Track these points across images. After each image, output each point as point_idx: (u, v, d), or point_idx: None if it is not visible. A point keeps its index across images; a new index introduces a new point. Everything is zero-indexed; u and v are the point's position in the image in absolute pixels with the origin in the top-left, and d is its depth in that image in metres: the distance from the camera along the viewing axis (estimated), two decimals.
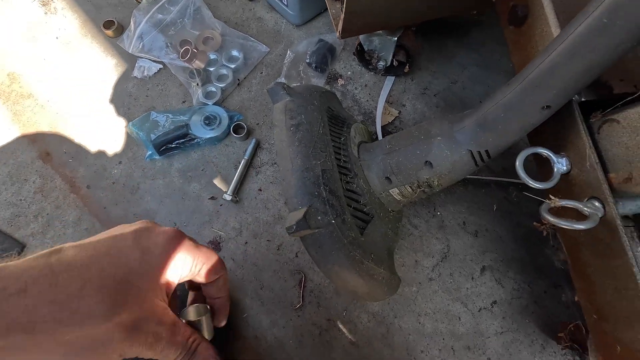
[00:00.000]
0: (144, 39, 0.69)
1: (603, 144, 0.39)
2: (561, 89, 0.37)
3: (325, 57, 0.70)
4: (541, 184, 0.42)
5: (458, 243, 0.62)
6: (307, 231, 0.40)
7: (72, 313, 0.25)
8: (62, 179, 0.68)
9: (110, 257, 0.29)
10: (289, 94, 0.49)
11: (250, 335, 0.60)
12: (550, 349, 0.57)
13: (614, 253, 0.38)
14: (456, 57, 0.73)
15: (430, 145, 0.48)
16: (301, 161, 0.43)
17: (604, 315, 0.40)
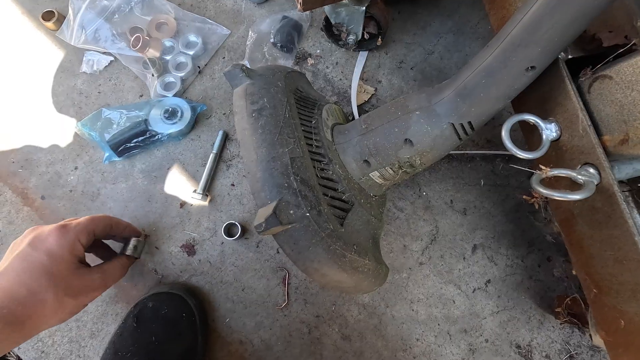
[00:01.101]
0: (86, 28, 0.62)
1: (595, 104, 0.36)
2: (546, 45, 0.33)
3: (291, 35, 0.65)
4: (529, 153, 0.38)
5: (447, 223, 0.59)
6: (279, 228, 0.36)
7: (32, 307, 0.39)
8: (12, 191, 0.62)
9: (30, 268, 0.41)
10: (249, 77, 0.43)
11: (235, 340, 0.56)
12: (548, 324, 0.55)
13: (613, 222, 0.35)
14: (430, 26, 0.69)
15: (409, 121, 0.43)
16: (266, 150, 0.38)
17: (604, 288, 0.37)
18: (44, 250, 0.42)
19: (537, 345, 0.55)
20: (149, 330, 0.51)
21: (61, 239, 0.43)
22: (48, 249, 0.42)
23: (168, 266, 0.59)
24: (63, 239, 0.43)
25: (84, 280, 0.44)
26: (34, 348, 0.56)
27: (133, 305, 0.54)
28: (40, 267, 0.41)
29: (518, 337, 0.55)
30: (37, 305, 0.39)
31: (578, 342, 0.55)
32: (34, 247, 0.42)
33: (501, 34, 0.36)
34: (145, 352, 0.50)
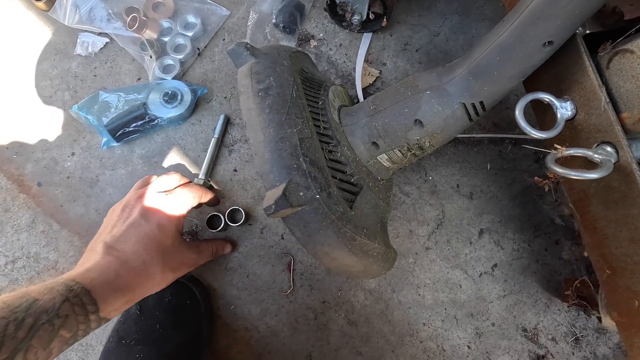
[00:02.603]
0: (80, 7, 0.60)
1: (614, 81, 0.34)
2: (567, 18, 0.32)
3: (294, 15, 0.63)
4: (543, 133, 0.37)
5: (453, 207, 0.58)
6: (289, 210, 0.35)
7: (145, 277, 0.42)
8: (7, 178, 0.60)
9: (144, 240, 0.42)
10: (254, 55, 0.42)
11: (241, 327, 0.55)
12: (554, 307, 0.55)
13: (630, 201, 0.34)
14: (435, 7, 0.67)
15: (419, 102, 0.42)
16: (274, 130, 0.37)
17: (618, 269, 0.37)
18: (156, 224, 0.43)
19: (543, 328, 0.55)
20: (152, 318, 0.50)
21: (168, 210, 0.44)
22: (159, 223, 0.43)
23: None
24: (170, 211, 0.44)
25: (183, 256, 0.46)
26: None
27: None
28: (154, 240, 0.42)
29: (524, 320, 0.55)
30: (148, 277, 0.41)
31: (584, 324, 0.55)
32: (147, 219, 0.43)
33: (519, 7, 0.35)
34: (149, 340, 0.49)
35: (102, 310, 0.36)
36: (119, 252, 0.40)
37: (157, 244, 0.42)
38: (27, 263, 0.57)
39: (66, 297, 0.34)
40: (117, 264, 0.39)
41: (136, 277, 0.40)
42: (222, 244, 0.55)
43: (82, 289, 0.35)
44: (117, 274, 0.39)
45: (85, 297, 0.35)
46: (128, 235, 0.41)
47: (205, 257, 0.51)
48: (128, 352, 0.48)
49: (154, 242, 0.42)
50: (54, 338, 0.32)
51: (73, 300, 0.34)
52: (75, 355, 0.55)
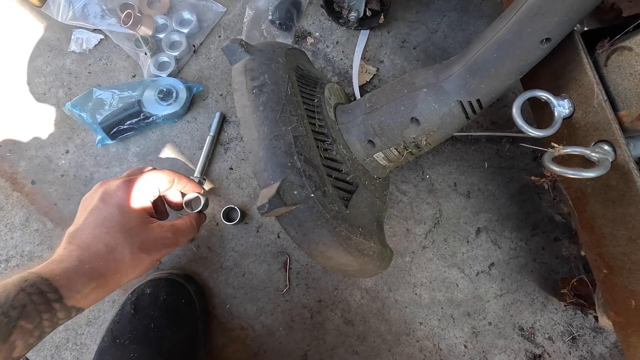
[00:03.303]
0: (74, 3, 0.59)
1: (612, 78, 0.34)
2: (565, 15, 0.32)
3: (290, 12, 0.62)
4: (540, 131, 0.37)
5: (450, 206, 0.58)
6: (283, 209, 0.34)
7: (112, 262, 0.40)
8: (0, 176, 0.59)
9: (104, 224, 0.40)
10: (249, 52, 0.41)
11: (236, 326, 0.55)
12: (551, 306, 0.55)
13: (628, 200, 0.34)
14: (434, 4, 0.66)
15: (416, 99, 0.42)
16: (268, 128, 0.37)
17: (616, 268, 0.37)
18: (115, 205, 0.41)
19: (540, 328, 0.55)
20: (147, 317, 0.50)
21: (129, 192, 0.42)
22: (118, 204, 0.41)
23: None
24: (131, 193, 0.42)
25: (156, 236, 0.43)
26: None
27: (130, 291, 0.52)
28: (114, 222, 0.40)
29: (521, 319, 0.55)
30: (115, 260, 0.39)
31: (581, 323, 0.55)
32: (105, 202, 0.41)
33: (516, 4, 0.34)
34: (144, 339, 0.49)
35: (69, 298, 0.35)
36: (79, 239, 0.39)
37: (120, 226, 0.40)
38: (20, 262, 0.57)
39: (21, 287, 0.33)
40: (78, 250, 0.38)
41: (101, 261, 0.38)
42: (198, 215, 0.51)
43: (38, 277, 0.34)
44: (79, 260, 0.37)
45: (44, 286, 0.34)
46: (88, 221, 0.40)
47: (186, 233, 0.47)
48: (123, 351, 0.48)
49: (116, 225, 0.40)
50: (14, 330, 0.32)
51: (29, 290, 0.33)
52: (69, 354, 0.54)
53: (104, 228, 0.40)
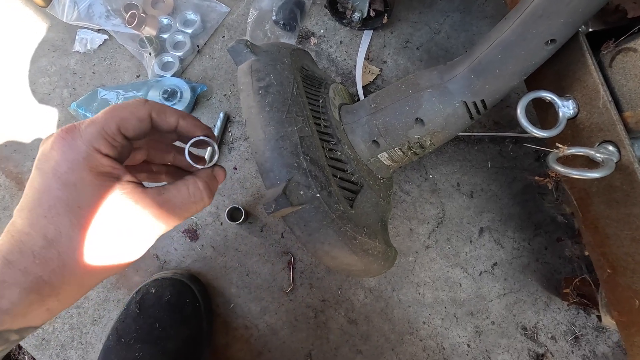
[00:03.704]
0: (78, 4, 0.59)
1: (616, 79, 0.34)
2: (570, 16, 0.32)
3: (294, 12, 0.62)
4: (545, 132, 0.37)
5: (453, 206, 0.58)
6: (289, 209, 0.35)
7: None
8: (5, 175, 0.59)
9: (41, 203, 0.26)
10: (254, 53, 0.41)
11: (240, 326, 0.55)
12: (554, 306, 0.55)
13: (632, 200, 0.34)
14: (437, 4, 0.67)
15: (420, 100, 0.42)
16: (274, 128, 0.37)
17: (619, 268, 0.37)
18: (51, 173, 0.26)
19: (543, 327, 0.55)
20: (152, 316, 0.50)
21: (68, 152, 0.26)
22: (55, 171, 0.26)
23: (170, 251, 0.57)
24: (71, 152, 0.26)
25: (132, 214, 0.27)
26: (34, 335, 0.55)
27: (135, 291, 0.53)
28: (54, 199, 0.25)
29: (524, 319, 0.55)
30: (62, 260, 0.26)
31: (583, 323, 0.55)
32: (40, 170, 0.26)
33: (521, 5, 0.35)
34: (149, 338, 0.49)
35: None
36: (14, 226, 0.26)
37: (64, 204, 0.25)
38: None
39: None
40: (9, 244, 0.25)
41: (39, 261, 0.25)
42: (210, 172, 0.33)
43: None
44: (6, 262, 0.24)
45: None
46: (26, 199, 0.26)
47: (188, 204, 0.30)
48: (127, 350, 0.48)
49: (57, 203, 0.25)
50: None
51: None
52: (74, 353, 0.55)
53: (40, 209, 0.25)
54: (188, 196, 0.30)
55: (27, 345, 0.55)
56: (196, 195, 0.30)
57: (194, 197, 0.30)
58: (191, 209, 0.30)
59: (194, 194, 0.30)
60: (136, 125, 0.28)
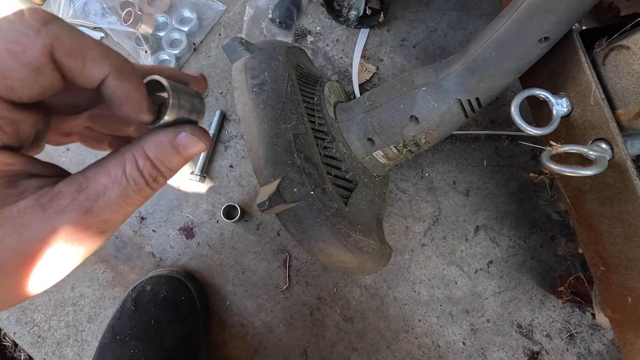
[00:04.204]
0: (74, 1, 0.59)
1: (609, 77, 0.34)
2: (562, 14, 0.32)
3: (290, 10, 0.62)
4: (539, 129, 0.37)
5: (449, 204, 0.58)
6: (283, 206, 0.35)
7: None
8: None
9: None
10: (249, 50, 0.41)
11: (236, 323, 0.55)
12: (549, 304, 0.55)
13: (625, 198, 0.34)
14: (433, 2, 0.67)
15: (415, 98, 0.42)
16: (268, 126, 0.37)
17: (613, 266, 0.37)
18: None
19: (538, 325, 0.55)
20: (148, 314, 0.50)
21: None
22: None
23: (166, 249, 0.57)
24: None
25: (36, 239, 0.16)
26: (30, 333, 0.55)
27: (131, 288, 0.53)
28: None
29: (519, 317, 0.55)
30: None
31: (578, 321, 0.55)
32: None
33: (515, 3, 0.35)
34: (144, 336, 0.49)
35: None
36: None
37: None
38: None
39: None
40: None
41: None
42: (163, 138, 0.19)
43: None
44: None
45: None
46: None
47: (127, 196, 0.18)
48: (123, 347, 0.48)
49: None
50: None
51: None
52: (70, 350, 0.55)
53: None
54: (127, 184, 0.18)
55: (23, 343, 0.55)
56: (138, 182, 0.18)
57: (136, 183, 0.18)
58: (134, 202, 0.18)
59: (135, 179, 0.18)
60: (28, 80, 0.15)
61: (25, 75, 0.15)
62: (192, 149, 0.19)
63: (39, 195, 0.16)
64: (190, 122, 0.20)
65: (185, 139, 0.19)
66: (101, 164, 0.18)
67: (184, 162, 0.20)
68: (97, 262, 0.57)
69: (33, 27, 0.15)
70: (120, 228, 0.58)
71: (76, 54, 0.15)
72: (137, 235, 0.58)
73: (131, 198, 0.18)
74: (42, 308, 0.55)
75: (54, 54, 0.15)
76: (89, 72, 0.16)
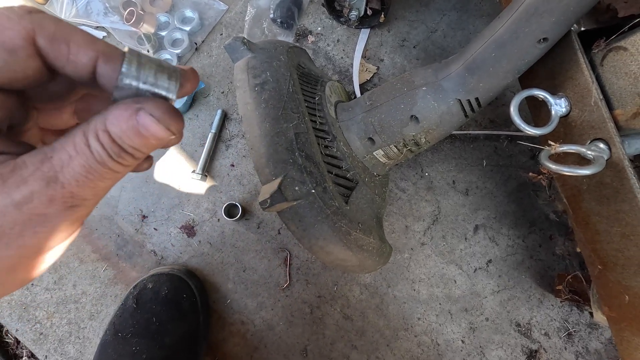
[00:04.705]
0: (77, 1, 0.59)
1: (607, 77, 0.35)
2: (561, 15, 0.32)
3: (291, 10, 0.63)
4: (538, 129, 0.37)
5: (449, 203, 0.59)
6: (285, 204, 0.35)
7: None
8: None
9: None
10: (251, 50, 0.42)
11: (237, 321, 0.56)
12: (547, 303, 0.56)
13: (622, 197, 0.34)
14: (433, 3, 0.67)
15: (415, 97, 0.42)
16: (270, 125, 0.37)
17: (610, 264, 0.37)
18: None
19: (536, 323, 0.55)
20: (149, 311, 0.51)
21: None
22: None
23: (167, 247, 0.58)
24: None
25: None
26: (32, 330, 0.55)
27: (132, 286, 0.53)
28: None
29: (518, 315, 0.56)
30: None
31: (576, 319, 0.55)
32: None
33: (514, 4, 0.35)
34: (146, 333, 0.49)
35: None
36: None
37: None
38: None
39: None
40: None
41: None
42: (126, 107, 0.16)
43: None
44: None
45: None
46: None
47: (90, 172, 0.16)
48: (124, 344, 0.49)
49: None
50: None
51: None
52: (72, 347, 0.55)
53: None
54: (90, 154, 0.16)
55: (25, 340, 0.55)
56: (100, 154, 0.16)
57: (99, 155, 0.16)
58: (103, 175, 0.17)
59: (97, 151, 0.16)
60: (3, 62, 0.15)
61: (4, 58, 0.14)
62: (154, 131, 0.17)
63: (0, 167, 0.15)
64: (156, 98, 0.17)
65: (145, 119, 0.16)
66: (69, 133, 0.16)
67: (150, 144, 0.17)
68: (98, 260, 0.57)
69: (17, 12, 0.15)
70: (121, 226, 0.58)
71: (59, 39, 0.15)
72: (139, 233, 0.58)
73: (98, 171, 0.16)
74: (44, 305, 0.56)
75: (36, 40, 0.15)
76: (75, 58, 0.15)
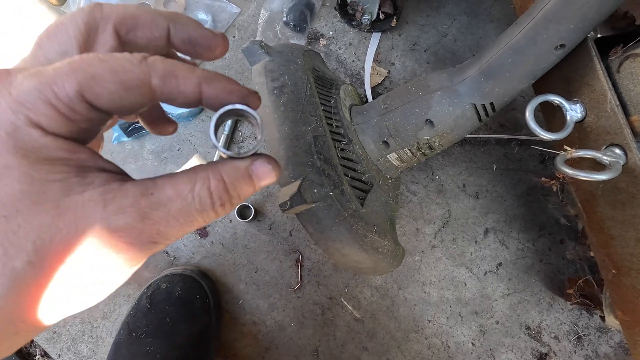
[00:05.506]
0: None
1: (624, 84, 0.35)
2: (579, 22, 0.33)
3: (304, 14, 0.63)
4: (553, 134, 0.38)
5: (459, 206, 0.59)
6: (304, 206, 0.36)
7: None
8: None
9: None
10: (268, 53, 0.42)
11: (248, 322, 0.56)
12: (557, 306, 0.56)
13: (637, 202, 0.35)
14: (444, 7, 0.68)
15: (430, 102, 0.43)
16: (289, 128, 0.38)
17: (624, 269, 0.38)
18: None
19: (546, 327, 0.56)
20: (162, 311, 0.51)
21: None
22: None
23: (180, 248, 0.58)
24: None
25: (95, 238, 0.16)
26: None
27: (146, 286, 0.54)
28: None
29: (528, 318, 0.56)
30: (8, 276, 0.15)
31: (586, 323, 0.56)
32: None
33: (532, 10, 0.36)
34: (159, 333, 0.50)
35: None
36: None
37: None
38: None
39: None
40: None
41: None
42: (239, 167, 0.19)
43: None
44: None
45: None
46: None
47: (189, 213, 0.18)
48: (138, 344, 0.49)
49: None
50: None
51: None
52: (85, 347, 0.56)
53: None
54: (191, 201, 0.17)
55: (38, 339, 0.55)
56: (204, 202, 0.18)
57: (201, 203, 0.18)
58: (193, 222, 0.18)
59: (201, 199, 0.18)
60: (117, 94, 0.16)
61: (116, 90, 0.16)
62: (265, 179, 0.19)
63: (105, 189, 0.16)
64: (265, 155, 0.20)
65: (261, 168, 0.19)
66: (173, 176, 0.18)
67: (253, 191, 0.20)
68: None
69: (137, 57, 0.17)
70: None
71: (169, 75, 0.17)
72: None
73: (192, 217, 0.18)
74: None
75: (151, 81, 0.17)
76: (184, 89, 0.17)
